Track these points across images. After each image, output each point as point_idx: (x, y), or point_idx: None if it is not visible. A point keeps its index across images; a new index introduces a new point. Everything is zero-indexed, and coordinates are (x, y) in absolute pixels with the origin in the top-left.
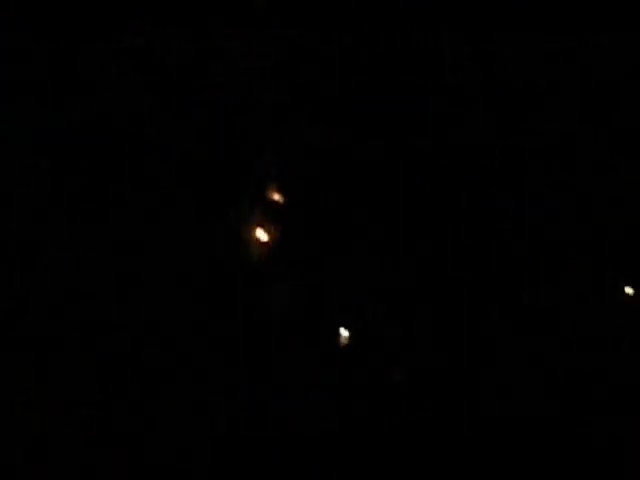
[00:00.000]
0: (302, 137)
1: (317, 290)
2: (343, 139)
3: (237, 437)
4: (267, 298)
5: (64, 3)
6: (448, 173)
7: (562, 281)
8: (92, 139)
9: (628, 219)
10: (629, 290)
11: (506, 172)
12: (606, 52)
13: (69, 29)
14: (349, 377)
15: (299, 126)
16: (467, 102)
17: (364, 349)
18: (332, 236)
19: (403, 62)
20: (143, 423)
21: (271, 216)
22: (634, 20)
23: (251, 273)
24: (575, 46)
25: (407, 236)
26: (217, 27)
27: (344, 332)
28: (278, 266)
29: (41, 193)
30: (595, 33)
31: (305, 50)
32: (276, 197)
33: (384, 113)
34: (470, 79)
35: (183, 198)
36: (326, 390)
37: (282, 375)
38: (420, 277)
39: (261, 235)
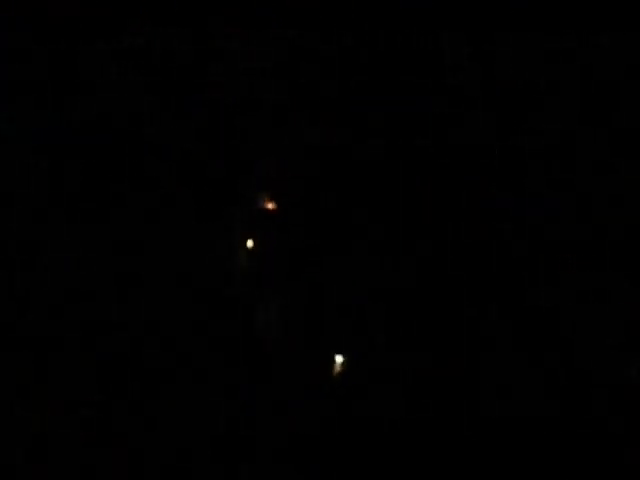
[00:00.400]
0: (302, 137)
1: (317, 289)
2: (343, 139)
3: (237, 437)
4: (266, 298)
5: (64, 3)
6: (448, 173)
7: (562, 281)
8: (92, 139)
9: (628, 219)
10: None
11: (506, 172)
12: (606, 52)
13: (69, 29)
14: (349, 377)
15: (299, 126)
16: (467, 102)
17: (364, 349)
18: (332, 236)
19: (403, 62)
20: (143, 423)
21: (271, 216)
22: (634, 20)
23: (251, 273)
24: (575, 46)
25: (407, 236)
26: (217, 27)
27: (339, 358)
28: (278, 266)
29: (41, 193)
30: (595, 33)
31: (305, 50)
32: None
33: (384, 113)
34: (470, 79)
35: (183, 198)
36: (326, 389)
37: (282, 375)
38: (420, 277)
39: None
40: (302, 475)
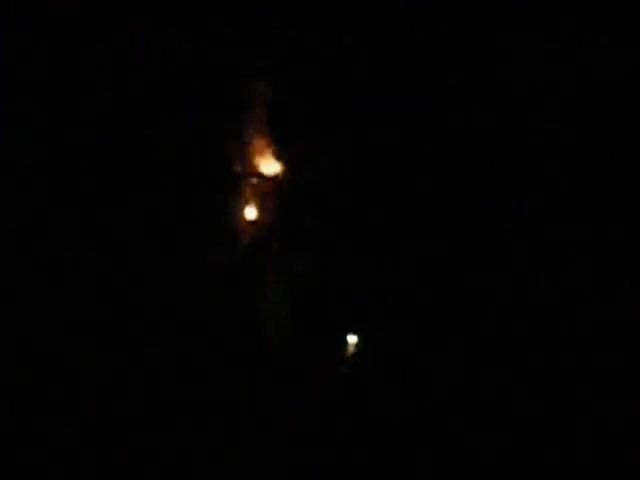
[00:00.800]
0: (302, 136)
1: (317, 291)
2: (343, 139)
3: (239, 437)
4: (268, 296)
5: (64, 3)
6: (448, 173)
7: (562, 281)
8: (92, 139)
9: (628, 219)
10: None
11: (506, 172)
12: (606, 52)
13: (69, 29)
14: (351, 376)
15: (299, 126)
16: (467, 102)
17: (365, 348)
18: (331, 236)
19: (403, 62)
20: (143, 425)
21: (271, 216)
22: (634, 20)
23: (251, 274)
24: (575, 46)
25: (407, 236)
26: (217, 27)
27: (352, 339)
28: (278, 266)
29: (41, 193)
30: (595, 33)
31: (305, 50)
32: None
33: (384, 113)
34: (470, 79)
35: (183, 198)
36: (327, 389)
37: (283, 374)
38: (420, 277)
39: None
40: (303, 475)
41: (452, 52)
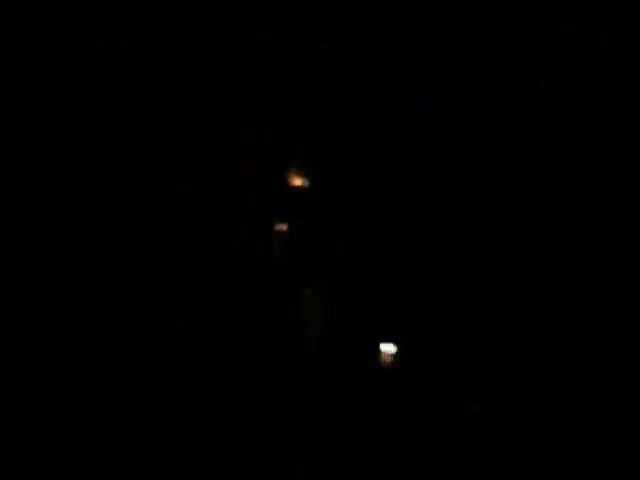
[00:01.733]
0: (302, 137)
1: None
2: (343, 139)
3: (239, 437)
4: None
5: (64, 3)
6: (448, 173)
7: (562, 281)
8: (92, 139)
9: (628, 219)
10: None
11: (506, 172)
12: (606, 52)
13: (69, 29)
14: (355, 376)
15: (299, 126)
16: (467, 102)
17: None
18: (331, 237)
19: (403, 62)
20: (143, 424)
21: (272, 217)
22: (634, 20)
23: (286, 263)
24: (575, 46)
25: (407, 236)
26: (217, 27)
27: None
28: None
29: (41, 193)
30: (595, 33)
31: (305, 50)
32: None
33: (384, 113)
34: (470, 79)
35: (183, 199)
36: (330, 390)
37: (287, 374)
38: (419, 277)
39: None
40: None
41: (452, 52)
